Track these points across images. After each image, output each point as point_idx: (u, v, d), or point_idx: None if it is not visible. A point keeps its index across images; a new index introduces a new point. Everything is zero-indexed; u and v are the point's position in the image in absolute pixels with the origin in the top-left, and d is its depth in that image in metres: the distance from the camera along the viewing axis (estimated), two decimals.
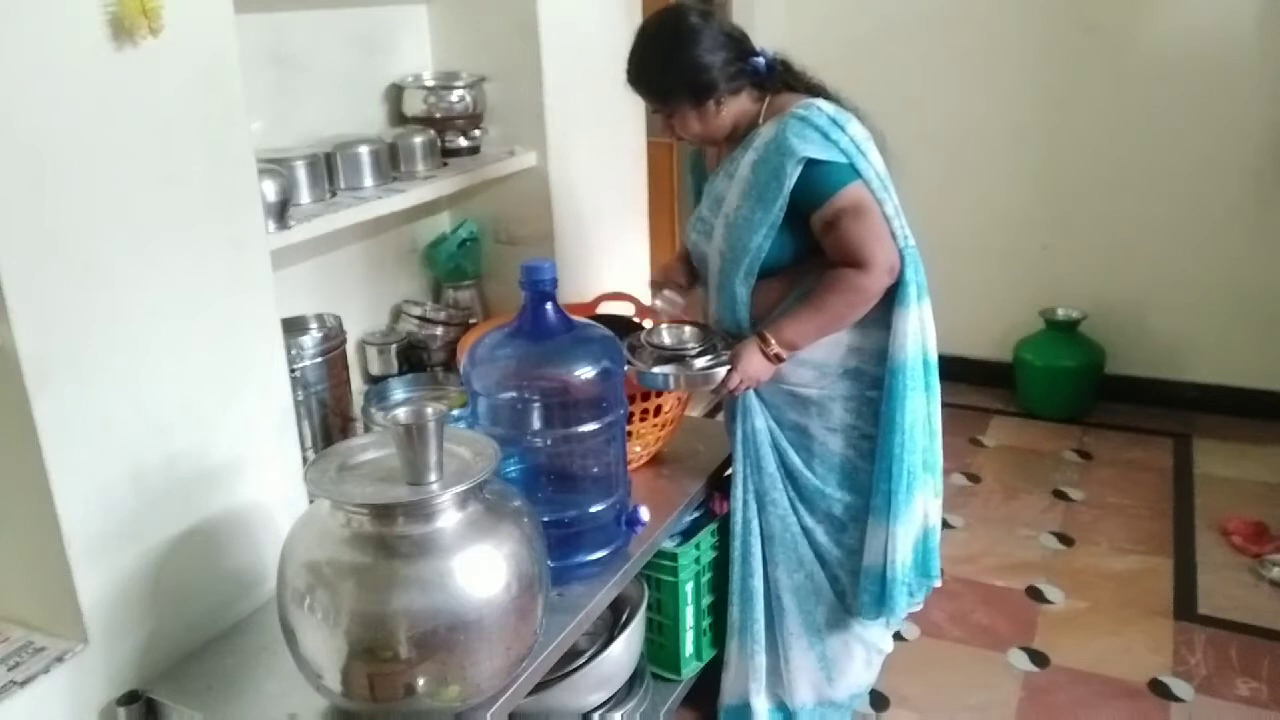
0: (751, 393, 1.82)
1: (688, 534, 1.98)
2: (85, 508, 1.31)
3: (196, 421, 1.46)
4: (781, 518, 1.86)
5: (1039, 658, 2.28)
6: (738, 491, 1.88)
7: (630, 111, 2.72)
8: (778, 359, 1.73)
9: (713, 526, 2.00)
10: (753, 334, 1.75)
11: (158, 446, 1.41)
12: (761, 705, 1.96)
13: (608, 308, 2.23)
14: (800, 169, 1.65)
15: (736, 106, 1.74)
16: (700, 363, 1.75)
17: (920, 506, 1.82)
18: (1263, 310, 3.37)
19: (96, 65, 1.26)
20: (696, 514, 2.02)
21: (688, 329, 1.83)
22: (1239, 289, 3.39)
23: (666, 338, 1.82)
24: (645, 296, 2.08)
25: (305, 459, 1.75)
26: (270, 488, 1.59)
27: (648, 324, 2.22)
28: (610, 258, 2.66)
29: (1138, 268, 3.48)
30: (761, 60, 1.74)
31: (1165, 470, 3.15)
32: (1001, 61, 3.43)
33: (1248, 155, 3.25)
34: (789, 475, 1.86)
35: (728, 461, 2.07)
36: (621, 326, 2.01)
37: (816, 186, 1.67)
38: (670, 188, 3.70)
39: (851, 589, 1.87)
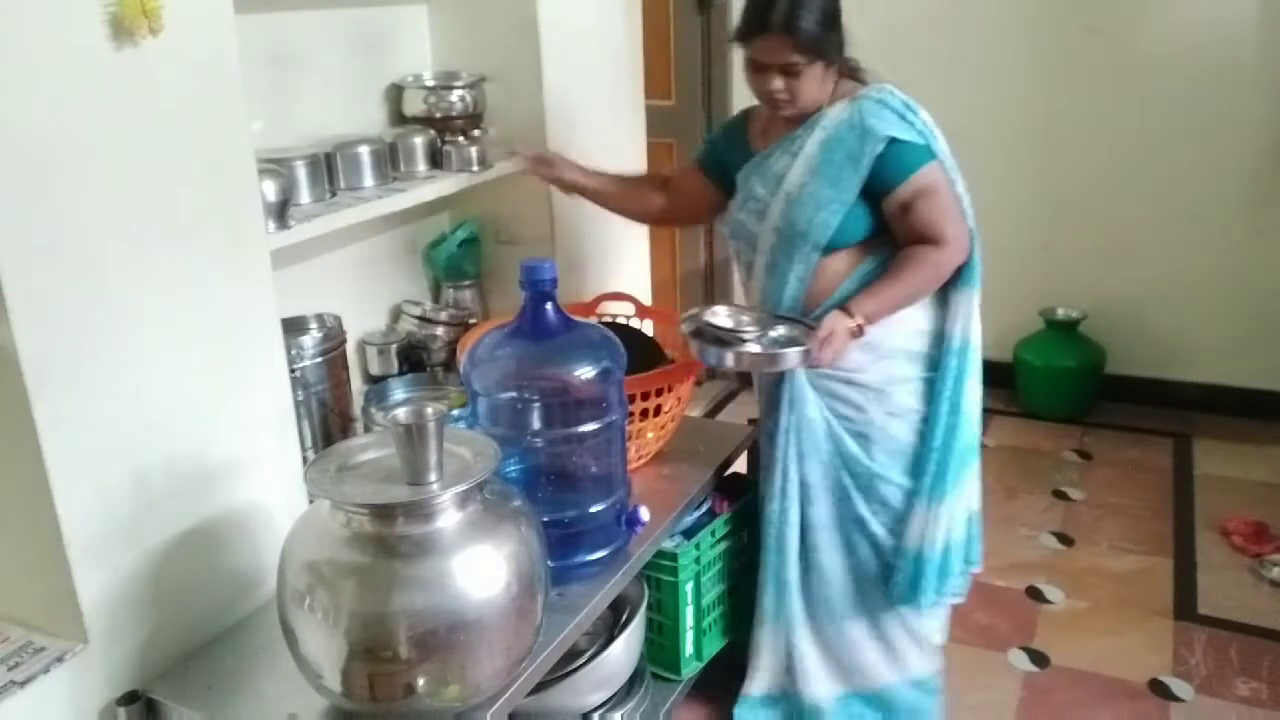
0: (804, 381, 1.84)
1: (688, 534, 1.98)
2: (85, 508, 1.31)
3: (196, 421, 1.46)
4: (835, 506, 1.88)
5: (1039, 658, 2.28)
6: (776, 483, 1.89)
7: (630, 111, 2.72)
8: (860, 332, 1.73)
9: (713, 526, 2.00)
10: (834, 309, 1.74)
11: (158, 446, 1.41)
12: (818, 693, 1.96)
13: (608, 308, 2.23)
14: (881, 149, 1.69)
15: (832, 79, 1.76)
16: (778, 337, 1.76)
17: (970, 489, 1.87)
18: (1263, 310, 3.37)
19: (96, 65, 1.26)
20: (697, 514, 2.02)
21: (745, 312, 1.81)
22: (1239, 289, 3.39)
23: (725, 320, 1.78)
24: (645, 296, 2.09)
25: (305, 459, 1.75)
26: (270, 488, 1.59)
27: (639, 323, 2.22)
28: (610, 258, 2.66)
29: (1138, 268, 3.48)
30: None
31: (1165, 470, 3.15)
32: (1002, 62, 3.42)
33: (1247, 155, 3.25)
34: (845, 464, 1.86)
35: (728, 461, 2.07)
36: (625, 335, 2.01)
37: (896, 166, 1.71)
38: None
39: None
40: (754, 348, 1.72)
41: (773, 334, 1.77)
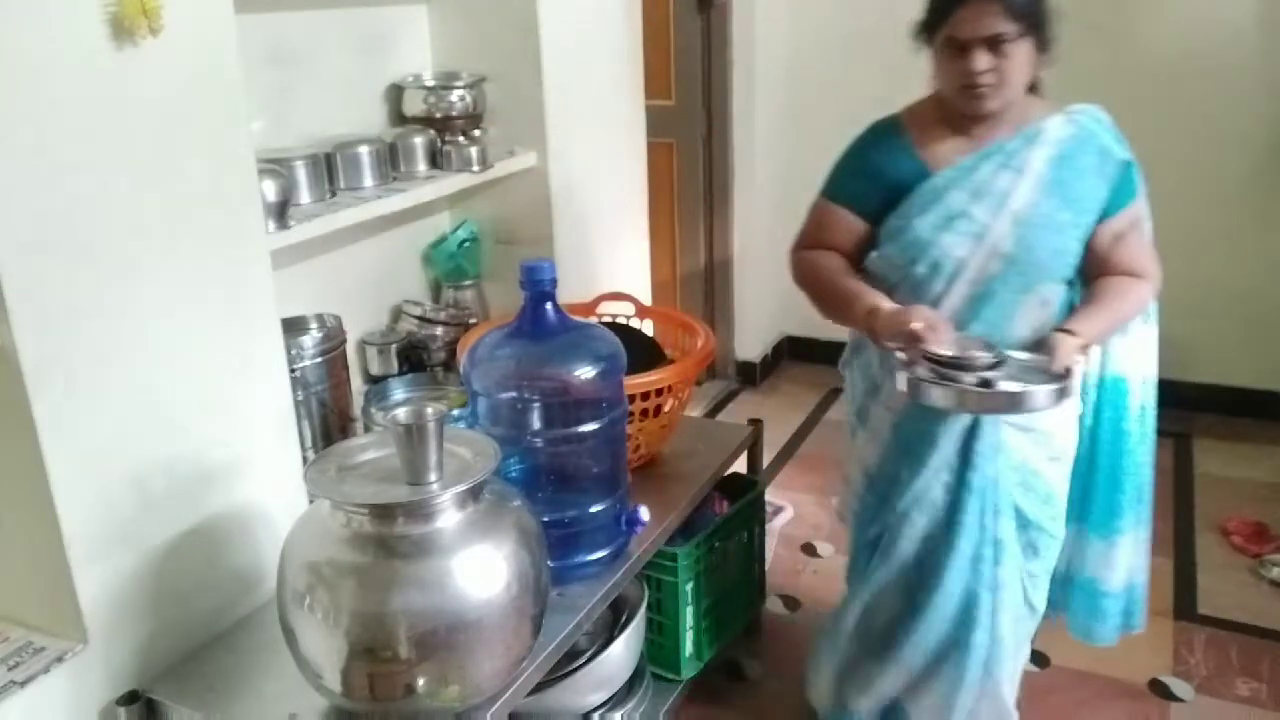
0: (1002, 431, 1.66)
1: (688, 534, 1.98)
2: (85, 508, 1.31)
3: (196, 421, 1.46)
4: (1012, 567, 1.72)
5: (1039, 658, 2.28)
6: (963, 551, 1.70)
7: (630, 111, 2.72)
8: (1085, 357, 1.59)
9: (713, 526, 2.00)
10: (1057, 330, 1.56)
11: (158, 446, 1.41)
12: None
13: (608, 308, 2.23)
14: (1116, 172, 1.62)
15: (1033, 73, 1.62)
16: (1022, 362, 1.53)
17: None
18: (1263, 310, 3.37)
19: (96, 65, 1.26)
20: (697, 514, 2.02)
21: (965, 340, 1.56)
22: (1239, 289, 3.38)
23: (948, 347, 1.52)
24: (645, 296, 2.08)
25: (305, 459, 1.75)
26: (270, 488, 1.59)
27: (639, 323, 2.23)
28: (610, 258, 2.66)
29: None
30: None
31: (1165, 470, 3.15)
32: None
33: (1247, 155, 3.25)
34: (1022, 524, 1.72)
35: (728, 461, 2.07)
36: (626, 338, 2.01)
37: (1122, 191, 1.63)
38: (670, 188, 3.70)
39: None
40: (1010, 385, 1.47)
41: (1004, 366, 1.51)
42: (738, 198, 3.70)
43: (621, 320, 2.20)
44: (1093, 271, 1.65)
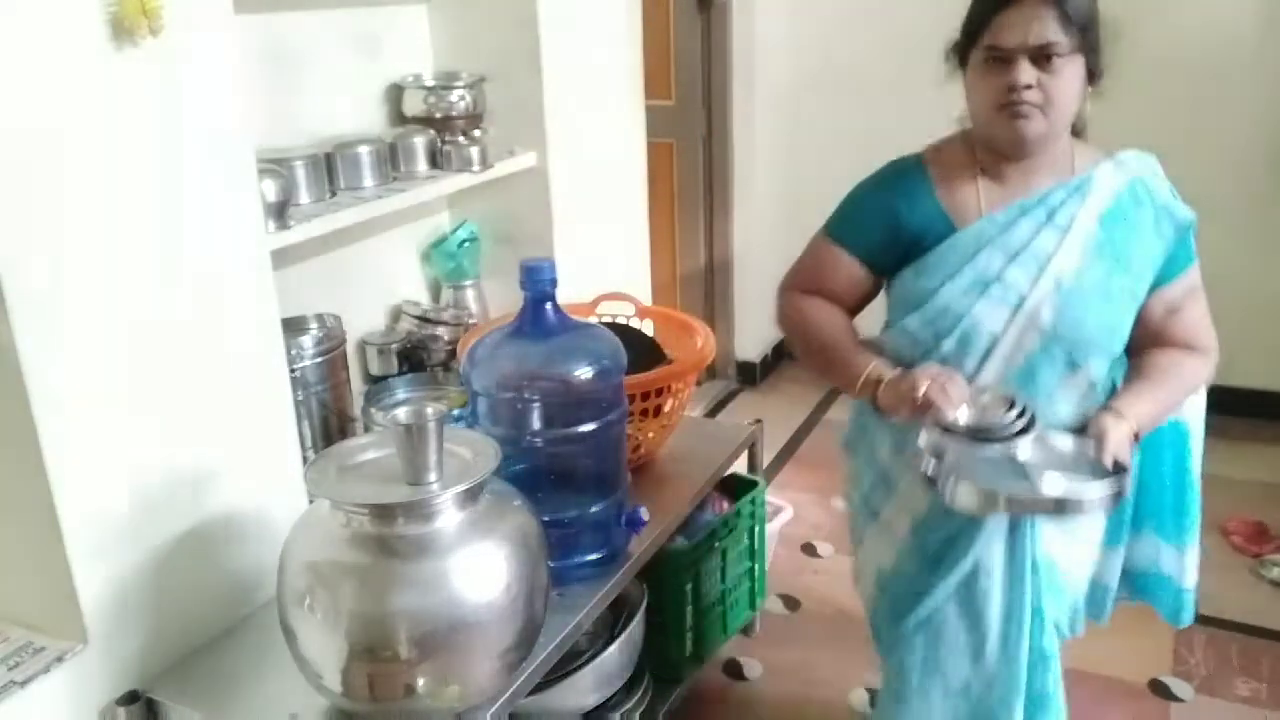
0: (1042, 538, 1.45)
1: (688, 534, 1.98)
2: (85, 508, 1.31)
3: (196, 421, 1.46)
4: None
5: None
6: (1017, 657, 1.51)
7: (630, 112, 2.72)
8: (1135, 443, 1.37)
9: (713, 526, 2.00)
10: (1104, 411, 1.36)
11: (157, 447, 1.41)
12: None
13: (608, 308, 2.23)
14: (1175, 233, 1.40)
15: (1078, 114, 1.41)
16: (1059, 445, 1.35)
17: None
18: (1263, 310, 3.37)
19: (96, 65, 1.26)
20: (697, 514, 2.02)
21: (989, 391, 1.36)
22: (1239, 289, 3.38)
23: (964, 412, 1.32)
24: (645, 296, 2.07)
25: (305, 459, 1.75)
26: (270, 488, 1.59)
27: (639, 323, 2.23)
28: (610, 258, 2.66)
29: None
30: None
31: None
32: None
33: (1247, 155, 3.25)
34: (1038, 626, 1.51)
35: (728, 461, 2.07)
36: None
37: (1179, 256, 1.42)
38: (670, 188, 3.70)
39: None
40: (1054, 483, 1.26)
41: (1035, 427, 1.32)
42: (738, 198, 3.70)
43: (621, 320, 2.20)
44: (1141, 344, 1.44)
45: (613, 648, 1.80)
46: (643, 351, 2.01)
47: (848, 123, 3.64)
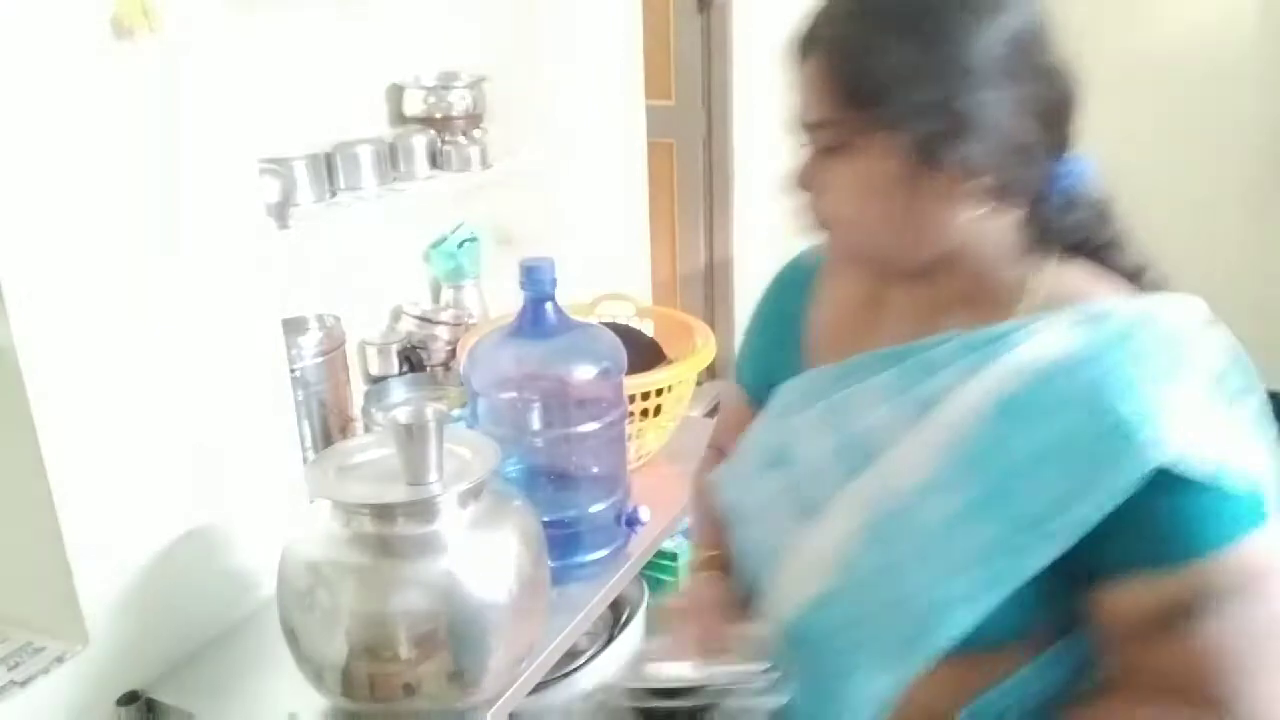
0: None
1: (688, 534, 1.98)
2: (85, 508, 1.31)
3: (196, 421, 1.46)
4: None
5: None
6: None
7: (630, 111, 2.72)
8: None
9: None
10: None
11: (157, 446, 1.40)
12: None
13: (607, 308, 2.23)
14: (1144, 486, 0.75)
15: (981, 233, 0.85)
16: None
17: None
18: (1263, 310, 3.37)
19: (95, 65, 1.25)
20: None
21: (752, 638, 0.93)
22: (1239, 289, 3.38)
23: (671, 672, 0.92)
24: (645, 297, 2.07)
25: (305, 459, 1.75)
26: (270, 488, 1.59)
27: (639, 323, 2.22)
28: (610, 258, 2.66)
29: None
30: (1078, 171, 0.94)
31: None
32: None
33: (1247, 156, 3.25)
34: None
35: None
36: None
37: (1178, 531, 0.76)
38: (670, 188, 3.69)
39: None
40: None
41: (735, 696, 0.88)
42: (738, 198, 3.70)
43: (621, 320, 2.20)
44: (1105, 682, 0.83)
45: (612, 648, 1.80)
46: (643, 351, 2.01)
47: None
